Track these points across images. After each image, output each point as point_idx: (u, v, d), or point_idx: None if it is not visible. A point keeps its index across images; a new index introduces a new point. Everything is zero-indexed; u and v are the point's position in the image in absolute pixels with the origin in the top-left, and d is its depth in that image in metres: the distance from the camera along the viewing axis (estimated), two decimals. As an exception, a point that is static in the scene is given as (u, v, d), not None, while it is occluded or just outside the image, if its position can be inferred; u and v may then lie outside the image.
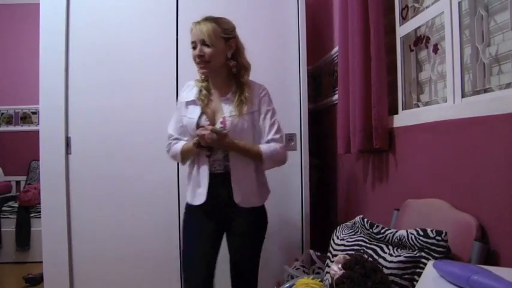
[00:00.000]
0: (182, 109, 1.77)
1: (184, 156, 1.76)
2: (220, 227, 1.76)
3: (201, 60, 1.65)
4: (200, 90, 1.74)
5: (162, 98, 2.31)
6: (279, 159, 1.74)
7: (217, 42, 1.65)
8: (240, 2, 2.37)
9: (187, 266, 1.76)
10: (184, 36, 2.32)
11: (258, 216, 1.78)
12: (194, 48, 1.67)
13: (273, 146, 1.71)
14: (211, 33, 1.64)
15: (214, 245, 1.76)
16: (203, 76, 1.75)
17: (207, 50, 1.64)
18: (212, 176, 1.70)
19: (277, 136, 1.73)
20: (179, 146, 1.76)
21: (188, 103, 1.75)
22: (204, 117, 1.70)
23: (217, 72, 1.72)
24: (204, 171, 1.70)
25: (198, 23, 1.67)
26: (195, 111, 1.72)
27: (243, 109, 1.68)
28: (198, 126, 1.68)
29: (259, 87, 1.76)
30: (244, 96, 1.69)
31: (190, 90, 1.78)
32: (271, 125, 1.73)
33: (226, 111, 1.69)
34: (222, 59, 1.68)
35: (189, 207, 1.77)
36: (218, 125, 1.66)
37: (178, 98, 1.85)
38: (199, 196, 1.71)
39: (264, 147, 1.70)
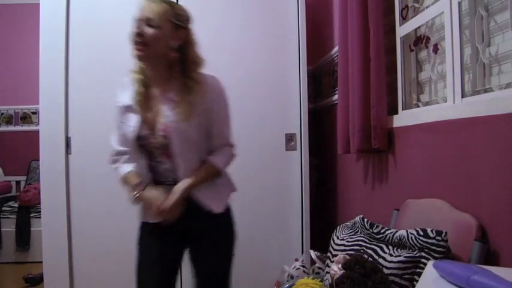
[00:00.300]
0: (120, 114, 1.48)
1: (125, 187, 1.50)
2: (179, 247, 1.54)
3: (140, 41, 1.35)
4: (136, 89, 1.43)
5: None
6: (230, 163, 1.53)
7: (164, 24, 1.36)
8: (240, 2, 2.37)
9: None
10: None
11: (225, 224, 1.54)
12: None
13: (226, 152, 1.50)
14: (161, 13, 1.36)
15: (171, 271, 1.55)
16: (137, 70, 1.45)
17: (149, 30, 1.34)
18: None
19: (230, 140, 1.52)
20: (121, 172, 1.48)
21: (126, 108, 1.45)
22: (142, 125, 1.41)
23: (155, 63, 1.40)
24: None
25: (150, 0, 1.39)
26: (134, 118, 1.42)
27: (191, 112, 1.38)
28: (140, 137, 1.42)
29: (211, 81, 1.46)
30: (192, 94, 1.39)
31: (126, 90, 1.48)
32: (225, 128, 1.50)
33: (168, 115, 1.39)
34: (163, 47, 1.37)
35: (143, 225, 1.56)
36: (158, 134, 1.39)
37: (116, 100, 1.53)
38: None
39: (219, 161, 1.47)
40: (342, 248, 1.39)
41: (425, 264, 1.11)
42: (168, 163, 1.44)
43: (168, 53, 1.39)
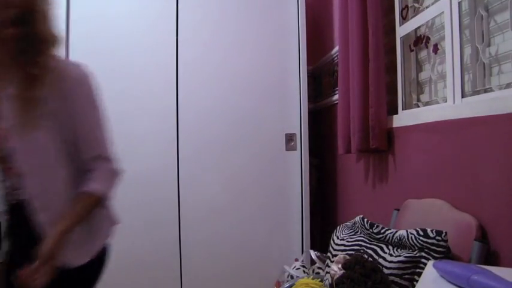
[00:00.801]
0: None
1: None
2: None
3: None
4: None
5: (161, 98, 2.31)
6: (113, 184, 1.12)
7: None
8: (240, 2, 2.38)
9: None
10: (184, 35, 2.33)
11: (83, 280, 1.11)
12: None
13: (104, 169, 1.09)
14: None
15: None
16: None
17: None
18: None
19: (107, 151, 1.11)
20: None
21: None
22: None
23: None
24: None
25: None
26: None
27: (36, 110, 0.97)
28: None
29: (71, 69, 1.05)
30: (39, 86, 0.97)
31: None
32: (96, 134, 1.10)
33: (6, 118, 0.99)
34: None
35: None
36: None
37: None
38: None
39: (97, 186, 1.06)
40: (342, 248, 1.39)
41: (425, 264, 1.11)
42: (12, 179, 1.04)
43: (13, 32, 0.95)
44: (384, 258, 1.21)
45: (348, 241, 1.40)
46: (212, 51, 2.36)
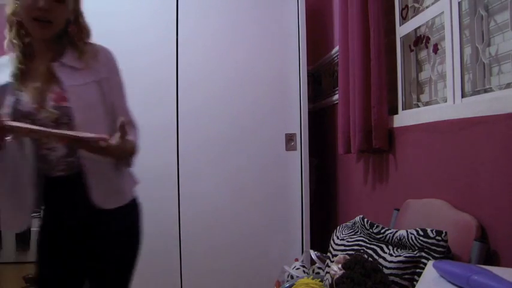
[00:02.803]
0: None
1: None
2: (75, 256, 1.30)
3: (45, 17, 1.15)
4: (16, 65, 1.21)
5: (161, 98, 2.31)
6: (136, 150, 1.31)
7: None
8: (240, 2, 2.38)
9: None
10: (184, 38, 2.33)
11: (122, 222, 1.32)
12: None
13: (134, 132, 1.32)
14: None
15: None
16: (12, 35, 1.21)
17: (56, 5, 1.16)
18: (50, 182, 1.24)
19: (132, 116, 1.35)
20: None
21: (2, 89, 1.20)
22: (26, 100, 1.17)
23: (51, 37, 1.23)
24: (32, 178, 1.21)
25: None
26: (10, 98, 1.18)
27: (89, 75, 1.23)
28: (22, 116, 1.16)
29: (104, 50, 1.31)
30: (88, 61, 1.24)
31: (2, 71, 1.22)
32: (126, 103, 1.35)
33: (65, 80, 1.19)
34: (64, 23, 1.23)
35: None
36: (50, 106, 1.17)
37: None
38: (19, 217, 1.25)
39: (133, 138, 1.29)
40: (342, 248, 1.39)
41: (425, 264, 1.11)
42: (62, 148, 1.20)
43: (65, 27, 1.24)
44: (384, 258, 1.21)
45: (348, 241, 1.40)
46: (212, 50, 2.36)
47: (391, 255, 1.21)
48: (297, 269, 2.05)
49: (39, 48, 1.24)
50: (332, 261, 1.33)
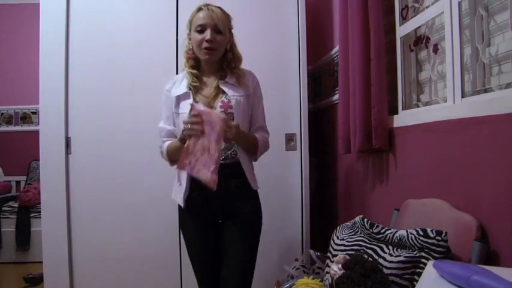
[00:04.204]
0: (173, 106, 1.66)
1: (172, 157, 1.67)
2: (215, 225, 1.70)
3: (211, 46, 1.58)
4: (191, 79, 1.65)
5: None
6: (265, 150, 1.72)
7: (226, 31, 1.62)
8: (240, 2, 2.37)
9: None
10: (184, 34, 2.32)
11: (256, 202, 1.71)
12: (201, 31, 1.59)
13: (262, 135, 1.70)
14: (224, 21, 1.61)
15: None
16: (188, 65, 1.67)
17: (218, 37, 1.59)
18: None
19: (265, 124, 1.74)
20: (165, 145, 1.69)
21: (180, 98, 1.64)
22: (199, 103, 1.56)
23: (213, 62, 1.66)
24: None
25: (208, 7, 1.61)
26: (188, 105, 1.56)
27: (243, 91, 1.65)
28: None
29: (250, 73, 1.72)
30: (241, 79, 1.65)
31: (179, 84, 1.68)
32: (262, 112, 1.74)
33: (230, 93, 1.62)
34: (223, 50, 1.64)
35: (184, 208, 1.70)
36: (218, 110, 1.58)
37: (165, 92, 1.72)
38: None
39: (259, 137, 1.67)
40: (342, 248, 1.39)
41: (425, 264, 1.11)
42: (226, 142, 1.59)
43: (224, 53, 1.66)
44: (384, 258, 1.21)
45: (348, 241, 1.40)
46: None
47: (391, 255, 1.21)
48: (297, 269, 2.05)
49: (207, 70, 1.67)
50: (332, 261, 1.33)
